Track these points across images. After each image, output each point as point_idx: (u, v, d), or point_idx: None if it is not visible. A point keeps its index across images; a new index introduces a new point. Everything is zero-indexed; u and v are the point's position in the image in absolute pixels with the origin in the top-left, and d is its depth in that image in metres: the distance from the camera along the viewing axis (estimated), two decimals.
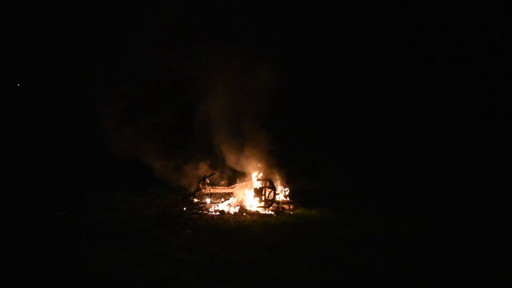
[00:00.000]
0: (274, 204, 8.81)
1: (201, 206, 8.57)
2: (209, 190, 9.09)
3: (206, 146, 10.15)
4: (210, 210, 8.49)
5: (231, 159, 9.95)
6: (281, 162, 10.02)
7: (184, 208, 8.50)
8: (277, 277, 5.33)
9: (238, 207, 8.72)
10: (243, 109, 10.09)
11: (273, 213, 8.53)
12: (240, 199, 9.05)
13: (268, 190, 8.97)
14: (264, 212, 8.57)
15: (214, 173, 9.81)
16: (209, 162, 10.21)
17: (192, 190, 9.30)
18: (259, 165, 9.70)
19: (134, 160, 10.37)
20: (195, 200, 8.84)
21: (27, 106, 17.78)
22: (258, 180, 9.26)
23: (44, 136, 15.41)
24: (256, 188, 9.03)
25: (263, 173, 9.58)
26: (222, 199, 8.94)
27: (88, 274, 5.28)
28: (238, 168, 9.94)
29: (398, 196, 9.97)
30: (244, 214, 8.43)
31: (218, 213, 8.42)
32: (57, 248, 6.12)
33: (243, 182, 9.48)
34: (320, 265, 5.77)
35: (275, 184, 9.17)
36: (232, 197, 9.01)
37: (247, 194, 9.08)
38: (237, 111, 10.08)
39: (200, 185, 9.15)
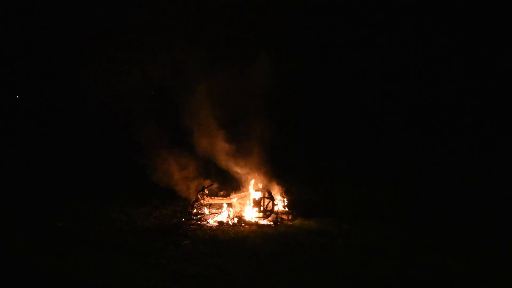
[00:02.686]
0: (273, 215, 8.81)
1: (200, 217, 8.56)
2: (208, 201, 9.08)
3: (203, 157, 10.15)
4: (208, 220, 8.49)
5: (229, 170, 9.97)
6: (279, 172, 10.04)
7: (183, 219, 8.49)
8: None
9: (237, 217, 8.72)
10: (240, 117, 10.15)
11: (271, 223, 8.53)
12: (239, 209, 9.05)
13: (266, 201, 8.98)
14: (262, 223, 8.57)
15: (213, 184, 9.82)
16: (208, 173, 10.22)
17: (191, 201, 9.29)
18: (257, 175, 9.72)
19: (135, 170, 10.37)
20: (194, 211, 8.84)
21: (25, 112, 17.78)
22: (256, 190, 9.27)
23: (40, 144, 15.39)
24: (255, 198, 9.04)
25: (261, 184, 9.60)
26: (221, 210, 8.94)
27: (86, 286, 5.28)
28: (236, 178, 9.95)
29: (397, 205, 9.96)
30: (243, 224, 8.44)
31: (216, 223, 8.42)
32: (54, 260, 6.11)
33: (242, 193, 9.48)
34: (318, 275, 5.78)
35: (273, 195, 9.18)
36: (231, 208, 9.01)
37: (246, 205, 9.08)
38: (234, 120, 10.13)
39: (199, 195, 9.15)
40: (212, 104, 10.03)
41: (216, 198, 9.37)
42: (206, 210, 8.81)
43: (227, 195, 9.71)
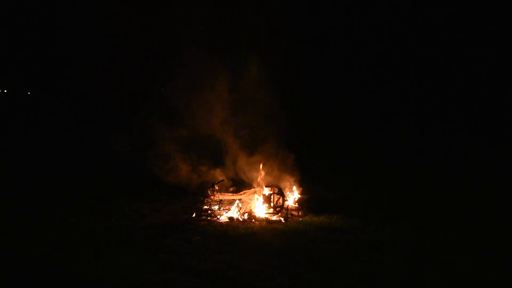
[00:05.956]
0: (283, 211, 8.79)
1: (210, 213, 8.56)
2: (218, 197, 9.08)
3: (214, 152, 10.15)
4: (219, 216, 8.48)
5: (239, 166, 9.95)
6: (290, 168, 10.00)
7: (193, 215, 8.50)
8: (285, 284, 5.31)
9: (247, 213, 8.71)
10: (252, 115, 10.12)
11: (282, 219, 8.50)
12: (249, 205, 9.04)
13: (276, 197, 8.95)
14: (272, 219, 8.55)
15: (223, 180, 9.81)
16: (218, 168, 10.21)
17: (201, 197, 9.29)
18: (267, 171, 9.69)
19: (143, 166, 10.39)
20: (204, 207, 8.83)
21: (36, 110, 17.97)
22: (266, 186, 9.24)
23: (51, 142, 15.53)
24: (265, 194, 9.01)
25: (271, 180, 9.56)
26: (231, 206, 8.93)
27: (96, 281, 5.31)
28: (247, 174, 9.93)
29: (407, 201, 9.88)
30: (253, 220, 8.42)
31: (227, 219, 8.41)
32: (65, 255, 6.15)
33: (252, 189, 9.46)
34: (328, 271, 5.74)
35: (284, 191, 9.15)
36: (241, 204, 9.00)
37: (256, 201, 9.06)
38: (246, 118, 10.11)
39: (209, 191, 9.15)
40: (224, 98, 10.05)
41: (226, 194, 9.36)
42: (216, 206, 8.80)
43: (237, 191, 9.70)
